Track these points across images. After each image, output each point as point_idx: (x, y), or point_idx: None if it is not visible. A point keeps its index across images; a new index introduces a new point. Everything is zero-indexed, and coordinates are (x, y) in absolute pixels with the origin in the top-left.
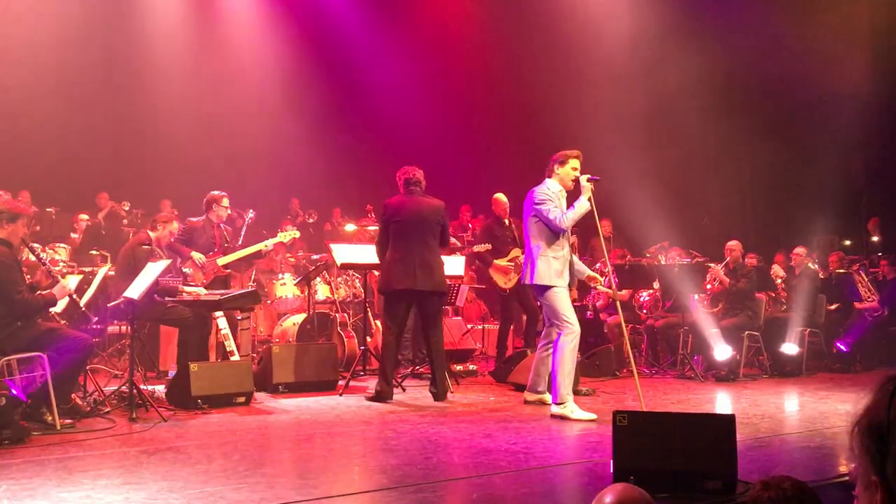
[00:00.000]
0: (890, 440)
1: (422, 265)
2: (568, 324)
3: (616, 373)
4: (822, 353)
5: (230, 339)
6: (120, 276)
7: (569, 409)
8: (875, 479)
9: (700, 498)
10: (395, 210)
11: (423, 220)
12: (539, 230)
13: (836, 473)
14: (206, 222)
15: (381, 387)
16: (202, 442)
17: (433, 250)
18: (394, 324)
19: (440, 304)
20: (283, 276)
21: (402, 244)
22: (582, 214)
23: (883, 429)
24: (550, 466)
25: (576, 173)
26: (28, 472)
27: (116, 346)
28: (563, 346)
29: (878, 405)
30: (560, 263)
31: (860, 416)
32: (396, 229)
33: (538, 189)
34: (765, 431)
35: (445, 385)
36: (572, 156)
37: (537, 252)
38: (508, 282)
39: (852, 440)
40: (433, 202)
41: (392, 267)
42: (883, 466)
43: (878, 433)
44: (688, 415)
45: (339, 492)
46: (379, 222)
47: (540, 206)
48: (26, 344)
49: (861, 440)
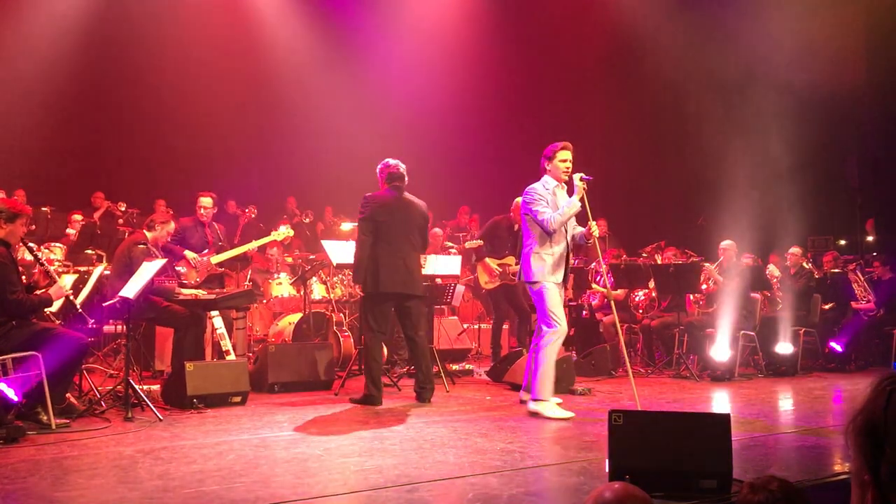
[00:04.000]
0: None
1: (408, 268)
2: (555, 322)
3: (612, 372)
4: (817, 353)
5: (226, 338)
6: (116, 276)
7: (545, 407)
8: (868, 478)
9: (695, 497)
10: (382, 207)
11: (411, 221)
12: (532, 226)
13: (830, 473)
14: (195, 222)
15: (370, 391)
16: (197, 442)
17: (417, 252)
18: (382, 326)
19: (424, 306)
20: (279, 276)
21: (389, 244)
22: (572, 214)
23: (878, 429)
24: (546, 466)
25: (565, 165)
26: (23, 472)
27: (112, 346)
28: (545, 344)
29: (873, 405)
30: (553, 260)
31: (855, 415)
32: (383, 228)
33: (529, 188)
34: (760, 431)
35: (432, 387)
36: (559, 148)
37: (529, 249)
38: (489, 283)
39: (847, 438)
40: (420, 203)
41: (379, 268)
42: (876, 466)
43: (872, 433)
44: (683, 414)
45: (334, 491)
46: (360, 217)
47: (529, 206)
48: (21, 343)
49: (856, 439)
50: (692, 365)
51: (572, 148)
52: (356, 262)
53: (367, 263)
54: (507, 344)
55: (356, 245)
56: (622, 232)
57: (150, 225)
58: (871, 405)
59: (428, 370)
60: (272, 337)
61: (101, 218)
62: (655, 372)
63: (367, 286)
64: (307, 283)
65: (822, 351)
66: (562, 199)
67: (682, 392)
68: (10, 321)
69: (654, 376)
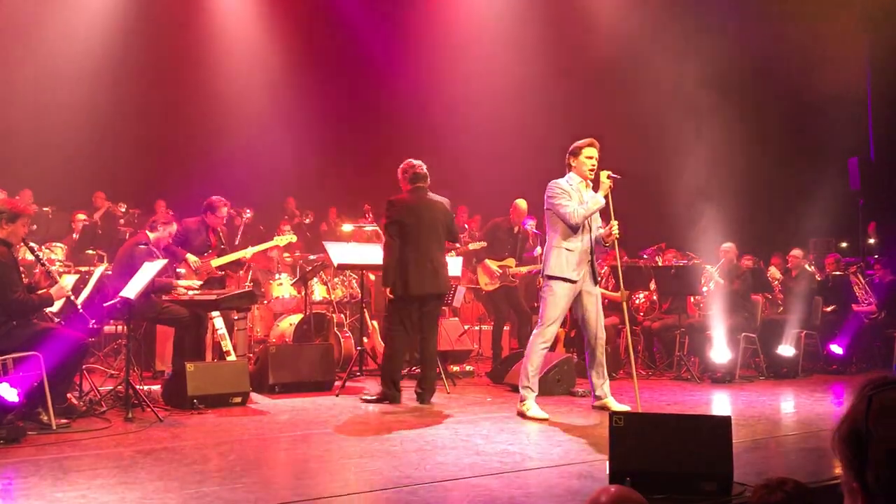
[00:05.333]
0: (868, 446)
1: (435, 269)
2: (546, 323)
3: (613, 374)
4: (819, 355)
5: (227, 338)
6: (117, 276)
7: (525, 406)
8: (856, 485)
9: (696, 499)
10: (408, 210)
11: (436, 221)
12: (554, 221)
13: (831, 475)
14: (200, 224)
15: (389, 390)
16: (198, 442)
17: (443, 251)
18: (407, 328)
19: (441, 306)
20: (280, 277)
21: (416, 247)
22: (595, 210)
23: (861, 435)
24: (547, 468)
25: (591, 162)
26: (23, 472)
27: (112, 346)
28: (532, 341)
29: (856, 411)
30: (573, 256)
31: (839, 423)
32: (409, 230)
33: (552, 183)
34: (761, 433)
35: (433, 388)
36: (584, 145)
37: (551, 243)
38: (489, 285)
39: (833, 447)
40: (442, 200)
41: (408, 270)
42: (863, 472)
43: (856, 440)
44: (684, 416)
45: (334, 492)
46: (387, 221)
47: (552, 200)
48: (22, 343)
49: (840, 448)
50: (693, 367)
51: (598, 145)
52: (385, 265)
53: (395, 266)
54: (508, 345)
55: (384, 249)
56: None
57: (152, 226)
58: (854, 412)
59: (432, 373)
60: (273, 338)
61: (101, 218)
62: (656, 374)
63: (397, 289)
64: (308, 283)
65: (822, 353)
66: (586, 196)
67: (683, 394)
68: (10, 321)
69: (655, 378)
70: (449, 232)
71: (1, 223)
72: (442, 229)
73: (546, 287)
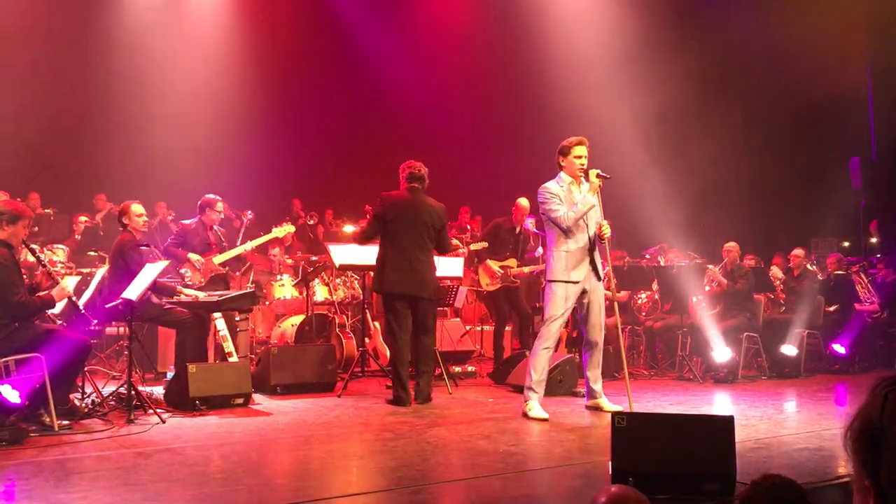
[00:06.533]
0: (882, 444)
1: (413, 269)
2: (547, 326)
3: (615, 374)
4: (821, 355)
5: (228, 340)
6: (113, 277)
7: (528, 407)
8: (868, 483)
9: (699, 499)
10: (393, 206)
11: (420, 221)
12: (550, 226)
13: (834, 475)
14: (198, 224)
15: (398, 393)
16: (200, 443)
17: (427, 254)
18: (400, 325)
19: (433, 309)
20: (282, 278)
21: (396, 245)
22: (587, 211)
23: (876, 432)
24: (549, 468)
25: (580, 161)
26: (26, 474)
27: (114, 348)
28: (535, 343)
29: (870, 409)
30: (571, 257)
31: (853, 420)
32: (392, 228)
33: (542, 188)
34: (763, 433)
35: (428, 390)
36: (573, 143)
37: (551, 245)
38: (491, 285)
39: (845, 444)
40: (434, 204)
41: (385, 268)
42: (876, 470)
43: (870, 437)
44: (686, 416)
45: (336, 493)
46: (372, 213)
47: (543, 206)
48: (24, 345)
49: (853, 444)
50: (695, 367)
51: (588, 143)
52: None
53: (377, 264)
54: (510, 346)
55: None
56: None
57: (122, 225)
58: (868, 409)
59: (426, 374)
60: (275, 339)
61: (103, 220)
62: (658, 374)
63: (375, 285)
64: (310, 284)
65: (825, 353)
66: (577, 196)
67: (686, 394)
68: (12, 322)
69: (657, 378)
70: (438, 238)
71: (2, 225)
72: (427, 232)
73: (548, 289)
